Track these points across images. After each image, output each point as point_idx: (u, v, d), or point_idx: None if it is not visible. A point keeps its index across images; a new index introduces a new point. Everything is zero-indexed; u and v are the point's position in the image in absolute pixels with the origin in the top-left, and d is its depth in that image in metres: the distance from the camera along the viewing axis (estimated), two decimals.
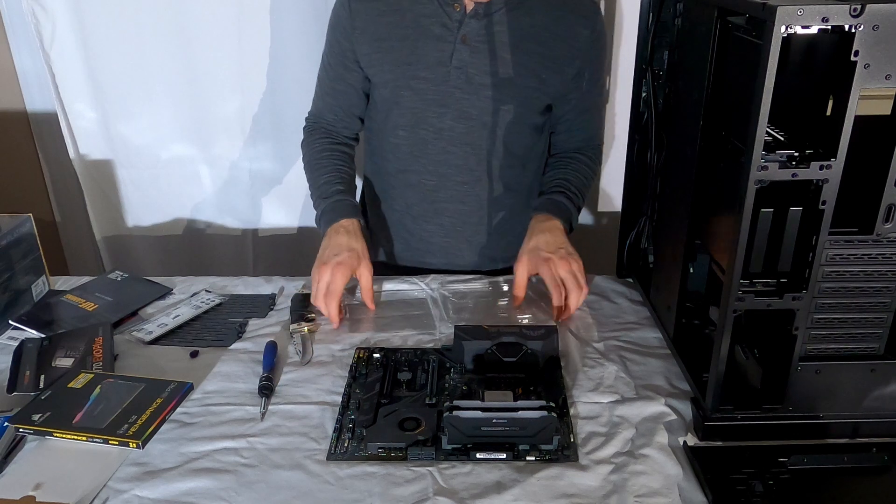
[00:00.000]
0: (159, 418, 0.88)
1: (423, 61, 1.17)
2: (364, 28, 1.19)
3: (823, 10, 0.64)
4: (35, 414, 0.88)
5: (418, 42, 1.17)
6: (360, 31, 1.19)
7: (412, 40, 1.17)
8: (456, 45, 1.16)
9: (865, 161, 0.72)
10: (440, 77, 1.18)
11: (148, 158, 1.70)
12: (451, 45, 1.16)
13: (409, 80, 1.19)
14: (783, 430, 0.84)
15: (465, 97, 1.18)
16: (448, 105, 1.19)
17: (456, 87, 1.18)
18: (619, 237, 1.23)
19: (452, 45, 1.16)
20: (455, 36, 1.15)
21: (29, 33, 1.56)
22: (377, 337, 1.08)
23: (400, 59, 1.18)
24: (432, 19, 1.16)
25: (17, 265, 1.13)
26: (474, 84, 1.18)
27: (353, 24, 1.20)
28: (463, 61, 1.16)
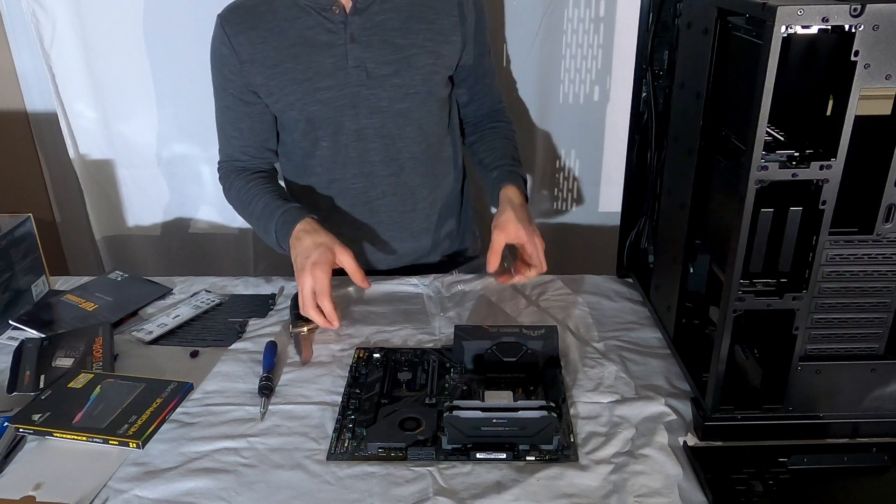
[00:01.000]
0: (159, 418, 0.88)
1: (321, 71, 1.17)
2: (252, 59, 1.17)
3: (823, 10, 0.64)
4: (35, 414, 0.88)
5: (310, 55, 1.16)
6: (249, 63, 1.17)
7: (304, 56, 1.16)
8: (347, 46, 1.16)
9: (865, 161, 0.72)
10: (342, 81, 1.17)
11: (148, 158, 1.70)
12: (342, 48, 1.16)
13: (314, 94, 1.18)
14: (783, 430, 0.84)
15: (371, 92, 1.19)
16: (358, 105, 1.19)
17: (360, 86, 1.18)
18: (619, 237, 1.23)
19: (343, 46, 1.16)
20: (343, 37, 1.15)
21: (29, 33, 1.56)
22: (377, 337, 1.08)
23: (298, 78, 1.17)
24: (315, 29, 1.15)
25: (17, 265, 1.13)
26: (376, 77, 1.18)
27: (239, 59, 1.17)
28: (358, 59, 1.16)
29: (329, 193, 1.29)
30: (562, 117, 1.63)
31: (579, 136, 1.65)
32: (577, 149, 1.67)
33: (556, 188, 1.73)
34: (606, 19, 1.52)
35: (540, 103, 1.62)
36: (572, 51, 1.56)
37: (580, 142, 1.66)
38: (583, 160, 1.68)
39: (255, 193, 1.23)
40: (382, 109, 1.20)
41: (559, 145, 1.67)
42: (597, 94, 1.60)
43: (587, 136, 1.64)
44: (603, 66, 1.56)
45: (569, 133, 1.65)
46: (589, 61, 1.57)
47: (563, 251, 1.75)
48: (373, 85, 1.18)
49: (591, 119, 1.62)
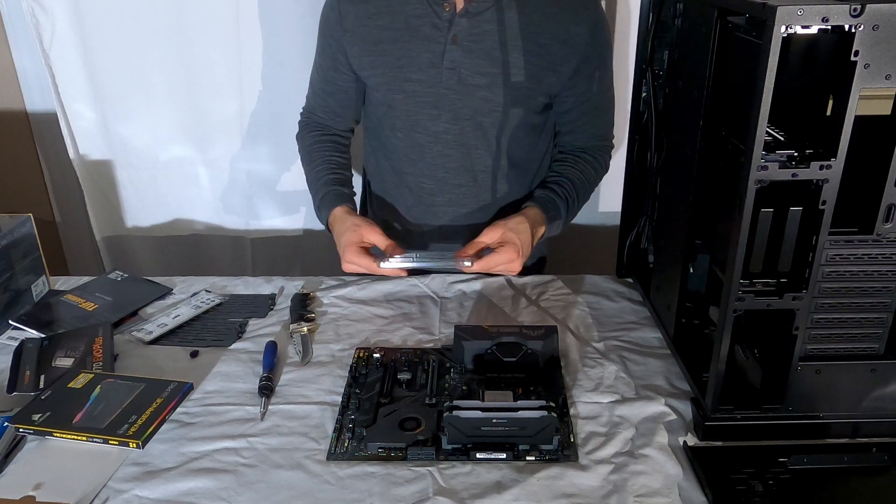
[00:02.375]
0: (159, 418, 0.88)
1: (414, 63, 1.16)
2: (354, 31, 1.17)
3: (823, 10, 0.64)
4: (35, 414, 0.88)
5: (409, 44, 1.15)
6: (351, 33, 1.18)
7: (403, 42, 1.15)
8: (447, 46, 1.14)
9: (865, 161, 0.72)
10: (432, 79, 1.16)
11: (147, 159, 1.70)
12: (441, 46, 1.14)
13: (401, 83, 1.18)
14: (783, 430, 0.84)
15: (458, 98, 1.17)
16: (441, 107, 1.18)
17: (448, 89, 1.17)
18: (619, 237, 1.23)
19: (443, 45, 1.14)
20: (445, 36, 1.14)
21: (29, 33, 1.56)
22: (377, 337, 1.08)
23: (391, 62, 1.17)
24: (422, 20, 1.14)
25: (17, 265, 1.13)
26: (467, 85, 1.16)
27: (343, 27, 1.18)
28: (455, 62, 1.15)
29: (398, 182, 1.28)
30: None
31: None
32: None
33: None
34: (606, 19, 1.52)
35: None
36: None
37: None
38: None
39: (317, 157, 1.26)
40: (465, 118, 1.19)
41: None
42: None
43: None
44: None
45: None
46: None
47: (563, 251, 1.75)
48: (462, 92, 1.16)
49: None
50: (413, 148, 1.23)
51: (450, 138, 1.21)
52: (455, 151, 1.22)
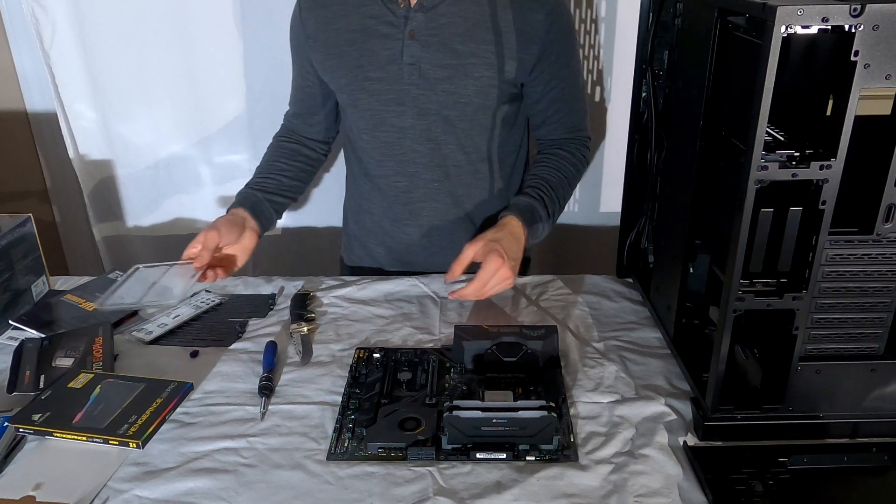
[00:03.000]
0: (159, 418, 0.88)
1: (373, 62, 1.17)
2: (315, 36, 1.20)
3: (823, 10, 0.64)
4: (35, 414, 0.88)
5: (367, 43, 1.16)
6: (313, 39, 1.21)
7: (360, 42, 1.17)
8: (405, 42, 1.15)
9: (865, 161, 0.72)
10: (393, 75, 1.17)
11: (148, 159, 1.70)
12: (399, 42, 1.15)
13: (362, 82, 1.19)
14: (783, 430, 0.84)
15: (421, 93, 1.17)
16: (405, 103, 1.19)
17: (410, 84, 1.17)
18: (619, 237, 1.23)
19: (401, 41, 1.15)
20: (402, 32, 1.15)
21: (29, 33, 1.56)
22: (377, 337, 1.08)
23: (351, 63, 1.18)
24: (378, 19, 1.16)
25: (17, 265, 1.13)
26: (429, 79, 1.16)
27: (305, 33, 1.21)
28: (414, 57, 1.15)
29: (372, 186, 1.29)
30: None
31: None
32: None
33: None
34: (606, 19, 1.52)
35: None
36: None
37: None
38: None
39: (264, 158, 1.32)
40: (430, 112, 1.19)
41: None
42: (597, 94, 1.60)
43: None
44: (603, 66, 1.56)
45: None
46: (589, 61, 1.57)
47: (563, 251, 1.75)
48: (424, 86, 1.17)
49: (591, 119, 1.62)
50: (381, 146, 1.24)
51: (417, 134, 1.21)
52: (423, 147, 1.22)
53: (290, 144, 1.33)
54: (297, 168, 1.31)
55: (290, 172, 1.30)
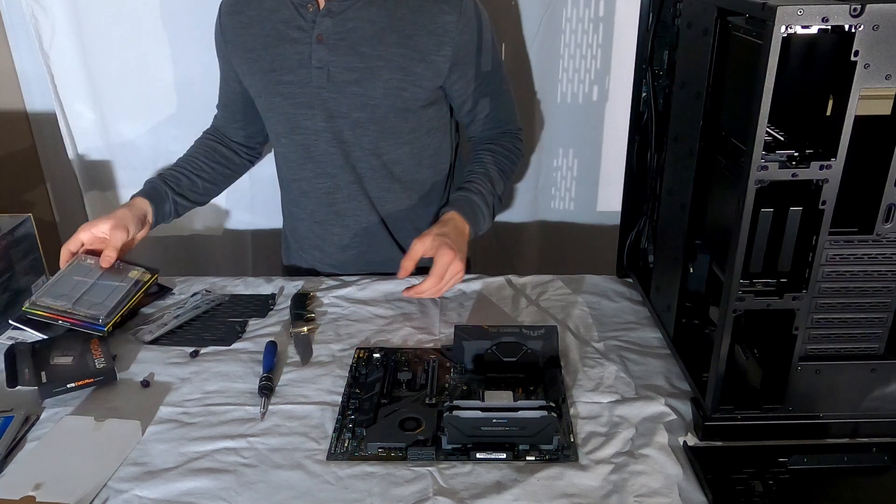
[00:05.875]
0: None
1: (284, 66, 1.18)
2: (233, 41, 1.23)
3: (823, 10, 0.64)
4: None
5: (278, 48, 1.18)
6: (231, 44, 1.23)
7: (273, 47, 1.18)
8: (312, 46, 1.16)
9: (865, 161, 0.72)
10: (303, 79, 1.18)
11: (147, 159, 1.70)
12: (308, 46, 1.16)
13: (275, 86, 1.20)
14: (783, 430, 0.84)
15: (331, 96, 1.18)
16: (315, 106, 1.20)
17: (320, 87, 1.18)
18: (619, 237, 1.23)
19: (309, 45, 1.16)
20: (310, 36, 1.16)
21: (29, 33, 1.56)
22: (377, 337, 1.08)
23: (265, 67, 1.20)
24: (289, 24, 1.17)
25: (17, 265, 1.13)
26: (337, 82, 1.17)
27: (224, 39, 1.24)
28: (322, 60, 1.16)
29: (295, 190, 1.31)
30: (561, 117, 1.63)
31: (579, 135, 1.65)
32: (577, 148, 1.67)
33: (555, 188, 1.73)
34: (606, 19, 1.52)
35: (539, 103, 1.62)
36: (571, 50, 1.56)
37: (580, 142, 1.66)
38: (582, 160, 1.68)
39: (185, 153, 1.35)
40: (341, 115, 1.20)
41: (558, 145, 1.67)
42: (596, 93, 1.60)
43: (587, 135, 1.64)
44: (602, 66, 1.56)
45: (568, 133, 1.65)
46: (588, 61, 1.57)
47: (563, 251, 1.75)
48: (333, 90, 1.18)
49: (590, 119, 1.62)
50: (299, 150, 1.25)
51: (329, 136, 1.22)
52: (335, 149, 1.23)
53: (214, 143, 1.36)
54: (215, 171, 1.34)
55: (206, 174, 1.33)
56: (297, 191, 1.31)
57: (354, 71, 1.16)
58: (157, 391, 0.96)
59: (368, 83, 1.17)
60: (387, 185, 1.28)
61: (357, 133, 1.22)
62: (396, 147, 1.25)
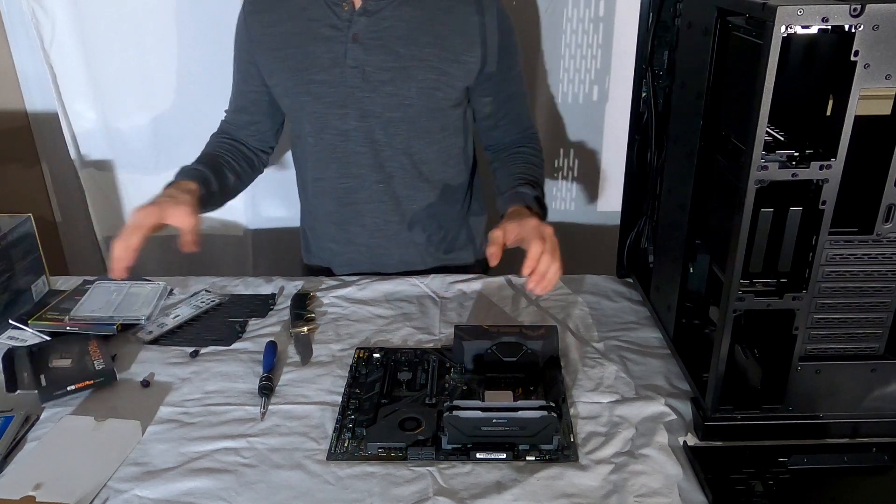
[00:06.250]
0: None
1: (317, 64, 1.17)
2: (260, 40, 1.20)
3: (823, 10, 0.64)
4: None
5: (310, 46, 1.17)
6: (257, 42, 1.20)
7: (304, 45, 1.17)
8: (348, 45, 1.15)
9: (865, 161, 0.72)
10: (336, 78, 1.17)
11: (148, 158, 1.70)
12: (343, 45, 1.15)
13: (306, 85, 1.19)
14: (783, 430, 0.84)
15: (364, 96, 1.18)
16: (348, 105, 1.19)
17: (354, 87, 1.17)
18: (619, 237, 1.23)
19: (344, 44, 1.15)
20: (346, 35, 1.15)
21: (29, 33, 1.56)
22: (377, 337, 1.08)
23: (295, 66, 1.18)
24: (322, 22, 1.16)
25: (17, 265, 1.13)
26: (372, 82, 1.17)
27: (249, 37, 1.21)
28: (358, 59, 1.16)
29: (317, 190, 1.30)
30: (561, 117, 1.63)
31: (579, 135, 1.65)
32: (577, 148, 1.67)
33: (556, 188, 1.73)
34: (606, 19, 1.52)
35: (539, 103, 1.62)
36: (571, 50, 1.56)
37: (580, 142, 1.66)
38: (582, 160, 1.68)
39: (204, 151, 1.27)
40: (374, 115, 1.19)
41: (559, 145, 1.67)
42: (596, 93, 1.60)
43: (587, 135, 1.65)
44: (602, 66, 1.57)
45: (568, 133, 1.65)
46: (588, 61, 1.57)
47: (563, 251, 1.75)
48: (367, 89, 1.17)
49: (590, 119, 1.62)
50: (326, 149, 1.24)
51: (360, 136, 1.21)
52: (366, 149, 1.23)
53: (234, 143, 1.30)
54: (241, 168, 1.29)
55: (235, 171, 1.27)
56: (319, 190, 1.29)
57: (389, 70, 1.16)
58: (157, 391, 0.96)
59: (403, 83, 1.17)
60: (414, 185, 1.27)
61: (389, 132, 1.21)
62: (427, 146, 1.24)
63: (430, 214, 1.31)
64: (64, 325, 1.08)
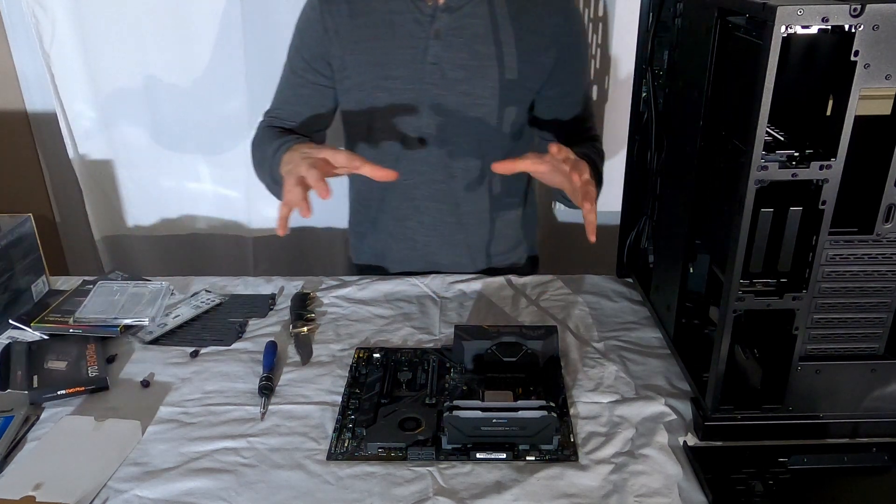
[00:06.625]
0: None
1: (395, 60, 1.15)
2: (338, 32, 1.17)
3: (823, 10, 0.64)
4: None
5: (391, 41, 1.14)
6: (333, 33, 1.17)
7: (385, 39, 1.15)
8: (429, 41, 1.13)
9: (865, 161, 0.72)
10: (414, 75, 1.15)
11: (147, 158, 1.70)
12: (424, 41, 1.14)
13: (382, 81, 1.17)
14: (783, 430, 0.84)
15: (440, 94, 1.16)
16: (422, 103, 1.17)
17: (431, 84, 1.16)
18: (619, 237, 1.23)
19: (426, 41, 1.13)
20: (428, 31, 1.13)
21: (29, 33, 1.56)
22: (377, 337, 1.08)
23: (372, 60, 1.16)
24: (404, 16, 1.14)
25: (17, 265, 1.13)
26: (449, 79, 1.15)
27: (324, 27, 1.17)
28: (437, 57, 1.14)
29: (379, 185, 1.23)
30: None
31: None
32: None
33: (556, 188, 1.72)
34: (606, 19, 1.52)
35: None
36: None
37: None
38: None
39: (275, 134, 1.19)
40: (446, 113, 1.18)
41: None
42: (596, 93, 1.60)
43: None
44: (602, 66, 1.57)
45: None
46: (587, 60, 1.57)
47: (563, 251, 1.75)
48: (444, 87, 1.16)
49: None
50: (395, 145, 1.22)
51: (431, 133, 1.20)
52: (436, 147, 1.22)
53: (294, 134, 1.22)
54: None
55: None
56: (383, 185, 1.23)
57: (467, 69, 1.15)
58: (157, 391, 0.96)
59: (478, 81, 1.16)
60: (475, 186, 1.26)
61: (460, 132, 1.20)
62: (494, 148, 1.23)
63: (486, 218, 1.30)
64: (67, 328, 1.07)
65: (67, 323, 1.08)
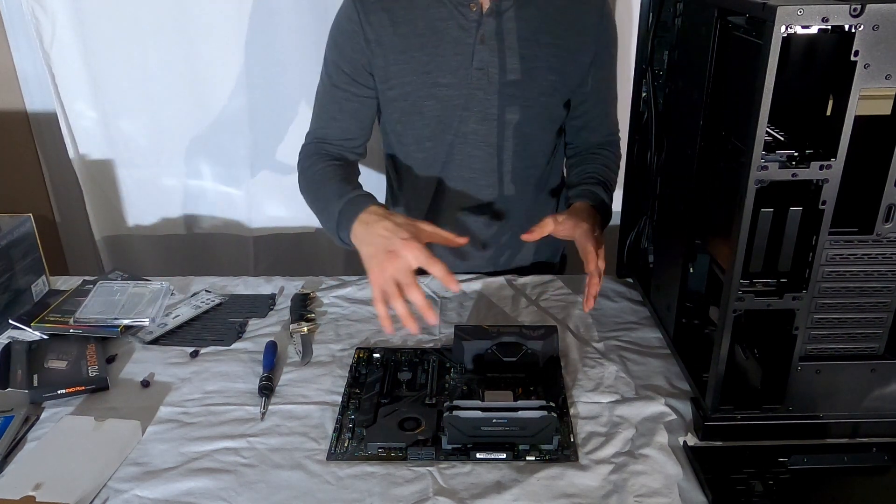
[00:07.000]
0: None
1: (443, 67, 1.14)
2: (378, 40, 1.14)
3: (823, 10, 0.64)
4: None
5: (437, 48, 1.13)
6: (376, 43, 1.14)
7: (431, 47, 1.13)
8: (475, 47, 1.13)
9: (865, 161, 0.72)
10: (462, 80, 1.15)
11: (148, 158, 1.70)
12: (470, 47, 1.13)
13: (430, 89, 1.15)
14: (783, 430, 0.84)
15: (487, 98, 1.16)
16: (471, 108, 1.17)
17: (478, 89, 1.15)
18: (619, 237, 1.23)
19: (472, 46, 1.13)
20: (474, 37, 1.13)
21: (29, 33, 1.56)
22: (377, 337, 1.08)
23: (419, 68, 1.14)
24: (449, 22, 1.13)
25: (17, 265, 1.13)
26: (496, 84, 1.15)
27: (365, 38, 1.14)
28: (483, 62, 1.14)
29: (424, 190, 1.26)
30: None
31: None
32: None
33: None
34: None
35: None
36: None
37: None
38: None
39: (330, 175, 1.14)
40: (494, 117, 1.18)
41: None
42: None
43: None
44: None
45: None
46: None
47: (563, 251, 1.75)
48: (491, 91, 1.16)
49: None
50: (442, 151, 1.21)
51: (479, 139, 1.20)
52: (482, 152, 1.21)
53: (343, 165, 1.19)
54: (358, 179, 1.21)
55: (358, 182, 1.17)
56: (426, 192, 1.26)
57: (513, 72, 1.15)
58: (157, 391, 0.96)
59: (525, 85, 1.16)
60: (521, 188, 1.26)
61: (507, 135, 1.19)
62: (541, 148, 1.24)
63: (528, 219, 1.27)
64: (68, 329, 1.07)
65: (67, 323, 1.08)
